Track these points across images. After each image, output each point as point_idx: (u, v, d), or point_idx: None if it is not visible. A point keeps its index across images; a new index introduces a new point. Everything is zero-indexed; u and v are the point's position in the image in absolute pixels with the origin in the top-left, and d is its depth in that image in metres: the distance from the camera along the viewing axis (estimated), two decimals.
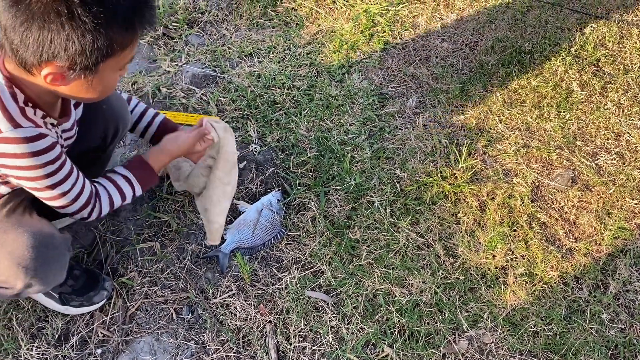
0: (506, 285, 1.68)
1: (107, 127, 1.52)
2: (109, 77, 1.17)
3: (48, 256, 1.31)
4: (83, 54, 1.05)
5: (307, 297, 1.65)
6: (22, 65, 1.09)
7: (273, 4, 2.47)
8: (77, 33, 1.02)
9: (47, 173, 1.20)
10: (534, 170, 1.94)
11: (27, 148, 1.14)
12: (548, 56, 2.25)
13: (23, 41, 1.03)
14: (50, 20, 1.00)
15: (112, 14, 1.03)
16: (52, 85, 1.12)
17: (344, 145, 2.00)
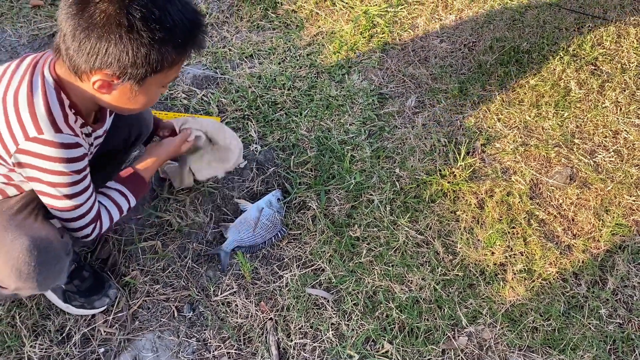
0: (505, 282, 1.69)
1: (131, 131, 1.57)
2: (152, 92, 1.22)
3: (43, 260, 1.29)
4: (134, 66, 1.09)
5: (307, 295, 1.66)
6: (74, 71, 1.13)
7: (273, 6, 2.49)
8: (132, 45, 1.06)
9: (71, 181, 1.24)
10: (533, 168, 1.95)
11: (63, 153, 1.17)
12: (546, 55, 2.26)
13: (80, 48, 1.07)
14: (110, 30, 1.05)
15: (168, 33, 1.08)
16: (99, 92, 1.16)
17: (344, 144, 2.01)
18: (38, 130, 1.15)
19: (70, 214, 1.30)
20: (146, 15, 1.05)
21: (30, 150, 1.17)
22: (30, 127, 1.15)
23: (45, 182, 1.22)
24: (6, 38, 2.25)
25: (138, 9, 1.04)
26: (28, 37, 2.27)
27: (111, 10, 1.04)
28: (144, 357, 1.55)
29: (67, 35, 1.08)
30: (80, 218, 1.32)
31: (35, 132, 1.15)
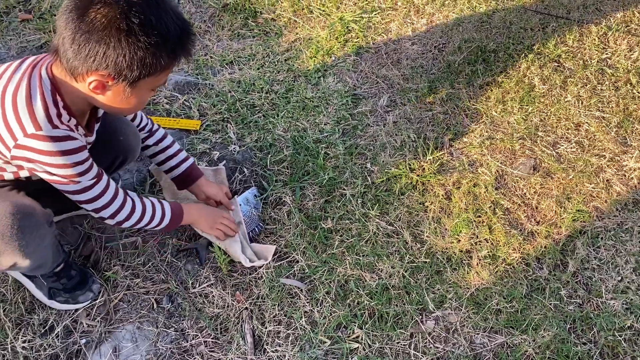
0: (470, 267, 1.74)
1: (118, 156, 1.64)
2: (143, 94, 1.29)
3: (26, 225, 1.34)
4: (129, 68, 1.16)
5: (282, 285, 1.71)
6: (70, 72, 1.20)
7: (253, 16, 2.58)
8: (130, 49, 1.14)
9: (78, 172, 1.32)
10: (498, 160, 2.01)
11: (60, 146, 1.25)
12: (512, 54, 2.34)
13: (79, 50, 1.14)
14: (110, 34, 1.12)
15: (163, 38, 1.16)
16: (93, 92, 1.23)
17: (318, 143, 2.07)
18: (36, 127, 1.22)
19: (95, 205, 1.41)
20: (144, 21, 1.12)
21: (29, 146, 1.24)
22: (29, 124, 1.22)
23: (54, 174, 1.30)
24: None
25: (137, 15, 1.11)
26: (17, 49, 2.35)
27: (111, 15, 1.11)
28: (123, 347, 1.60)
29: (66, 38, 1.15)
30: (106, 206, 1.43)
31: (33, 129, 1.22)
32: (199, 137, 2.10)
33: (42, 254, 1.47)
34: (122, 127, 1.62)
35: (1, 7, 2.47)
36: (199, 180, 1.79)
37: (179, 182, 1.79)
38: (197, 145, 2.07)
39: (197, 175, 1.79)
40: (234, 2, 2.59)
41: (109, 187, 1.43)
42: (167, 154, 1.74)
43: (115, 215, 1.47)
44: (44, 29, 2.42)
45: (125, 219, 1.49)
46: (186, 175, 1.77)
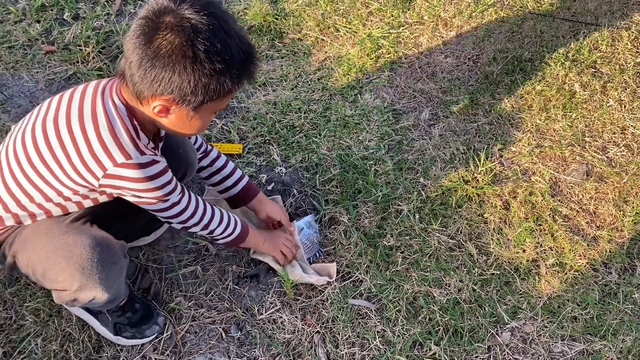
0: (539, 276, 1.79)
1: (178, 170, 1.65)
2: (205, 118, 1.33)
3: (105, 257, 1.38)
4: (193, 93, 1.20)
5: (350, 306, 1.73)
6: (136, 96, 1.24)
7: (279, 37, 2.63)
8: (195, 75, 1.17)
9: (166, 193, 1.38)
10: (550, 168, 2.07)
11: (149, 172, 1.31)
12: (548, 62, 2.42)
13: (145, 75, 1.18)
14: (176, 60, 1.15)
15: (227, 64, 1.19)
16: (157, 116, 1.27)
17: (365, 160, 2.11)
18: (126, 156, 1.26)
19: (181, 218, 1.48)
20: (209, 47, 1.15)
21: (119, 175, 1.28)
22: (118, 154, 1.26)
23: (143, 197, 1.35)
24: (24, 84, 2.34)
25: (202, 42, 1.15)
26: (45, 81, 2.37)
27: (177, 42, 1.15)
28: None
29: (133, 63, 1.19)
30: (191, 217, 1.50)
31: (123, 159, 1.26)
32: (243, 160, 2.13)
33: (119, 287, 1.48)
34: (180, 141, 1.66)
35: (24, 40, 2.48)
36: (259, 196, 1.81)
37: (236, 201, 1.81)
38: (243, 169, 2.09)
39: (254, 192, 1.81)
40: (258, 24, 2.64)
41: (191, 198, 1.49)
42: (223, 174, 1.77)
43: (200, 221, 1.53)
44: (70, 60, 2.44)
45: (206, 225, 1.55)
46: (244, 192, 1.79)
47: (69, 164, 1.27)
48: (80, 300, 1.43)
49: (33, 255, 1.38)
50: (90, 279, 1.37)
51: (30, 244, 1.39)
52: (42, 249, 1.37)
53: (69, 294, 1.41)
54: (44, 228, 1.39)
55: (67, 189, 1.32)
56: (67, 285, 1.38)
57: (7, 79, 2.34)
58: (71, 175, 1.29)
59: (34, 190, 1.33)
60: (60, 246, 1.35)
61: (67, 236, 1.36)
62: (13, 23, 2.55)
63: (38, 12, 2.59)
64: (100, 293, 1.41)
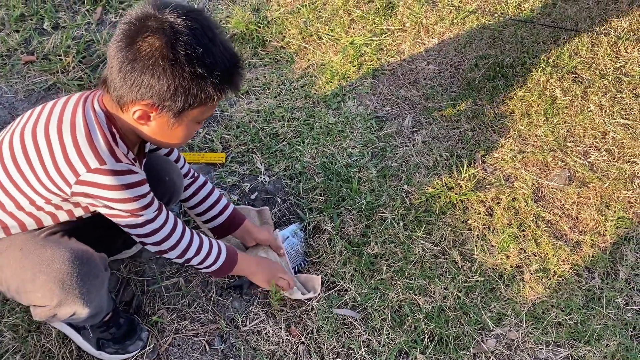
0: (524, 282, 1.79)
1: (163, 196, 1.61)
2: (189, 127, 1.30)
3: (85, 272, 1.34)
4: (172, 98, 1.18)
5: (335, 315, 1.72)
6: (117, 101, 1.21)
7: (262, 44, 2.62)
8: (174, 79, 1.15)
9: (141, 206, 1.32)
10: (533, 173, 2.08)
11: (124, 180, 1.26)
12: (529, 68, 2.44)
13: (125, 79, 1.16)
14: (155, 63, 1.13)
15: (209, 70, 1.17)
16: (138, 122, 1.24)
17: (349, 167, 2.11)
18: (100, 162, 1.23)
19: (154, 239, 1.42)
20: (190, 51, 1.14)
21: (92, 181, 1.24)
22: (92, 159, 1.22)
23: (115, 208, 1.30)
24: (2, 95, 2.31)
25: (183, 45, 1.13)
26: (24, 92, 2.33)
27: (158, 44, 1.13)
28: None
29: (114, 67, 1.17)
30: (154, 233, 1.41)
31: (97, 164, 1.22)
32: (226, 169, 2.11)
33: (101, 301, 1.46)
34: (167, 167, 1.62)
35: (3, 50, 2.45)
36: (245, 224, 1.78)
37: (221, 231, 1.76)
38: (226, 178, 2.08)
39: (240, 220, 1.78)
40: (241, 32, 2.62)
41: (168, 218, 1.44)
42: (208, 203, 1.73)
43: (176, 246, 1.46)
44: (50, 70, 2.41)
45: (183, 252, 1.49)
46: (229, 221, 1.75)
47: (43, 169, 1.24)
48: (60, 316, 1.40)
49: (8, 271, 1.35)
50: (70, 294, 1.33)
51: (5, 259, 1.35)
52: (17, 264, 1.33)
53: (48, 310, 1.37)
54: (19, 242, 1.35)
55: (39, 196, 1.29)
56: (47, 301, 1.34)
57: None
58: (44, 182, 1.26)
59: (6, 197, 1.30)
60: (38, 261, 1.32)
61: (44, 250, 1.33)
62: None
63: (17, 21, 2.56)
64: (80, 308, 1.38)
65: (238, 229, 1.77)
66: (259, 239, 1.80)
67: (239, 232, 1.78)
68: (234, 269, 1.62)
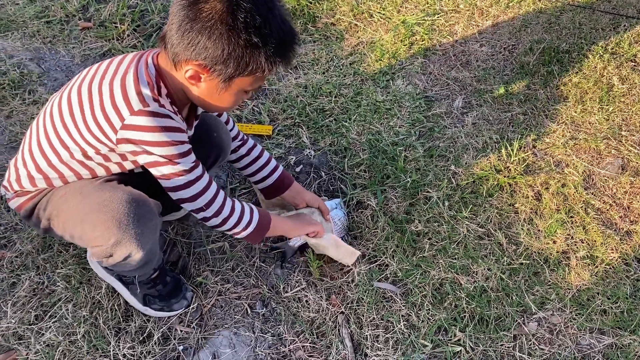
0: (569, 268, 1.78)
1: (211, 152, 1.67)
2: (236, 94, 1.33)
3: (141, 213, 1.38)
4: (225, 63, 1.21)
5: (375, 288, 1.75)
6: (172, 58, 1.26)
7: (312, 20, 2.64)
8: (229, 44, 1.19)
9: (179, 152, 1.33)
10: (584, 160, 2.06)
11: (163, 122, 1.28)
12: (586, 54, 2.40)
13: (183, 37, 1.20)
14: (213, 26, 1.17)
15: (264, 41, 1.20)
16: (189, 81, 1.29)
17: (395, 145, 2.12)
18: (144, 104, 1.27)
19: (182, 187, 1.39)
20: (249, 19, 1.17)
21: (133, 124, 1.28)
22: (136, 102, 1.27)
23: (154, 153, 1.32)
24: (60, 58, 2.40)
25: (243, 12, 1.17)
26: (80, 57, 2.42)
27: (219, 7, 1.17)
28: (222, 353, 1.64)
29: (174, 24, 1.21)
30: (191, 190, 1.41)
31: (140, 105, 1.27)
32: (272, 142, 2.15)
33: (154, 247, 1.50)
34: (215, 124, 1.67)
35: (61, 16, 2.54)
36: (294, 185, 1.83)
37: (271, 191, 1.82)
38: (272, 150, 2.12)
39: (289, 182, 1.82)
40: (292, 7, 2.65)
41: (204, 174, 1.43)
42: (259, 164, 1.78)
43: (210, 205, 1.45)
44: (105, 36, 2.49)
45: (218, 210, 1.47)
46: (279, 182, 1.80)
47: (91, 115, 1.30)
48: (116, 257, 1.42)
49: (69, 214, 1.42)
50: (127, 233, 1.37)
51: (65, 203, 1.43)
52: (77, 207, 1.40)
53: (105, 249, 1.40)
54: (78, 188, 1.42)
55: (89, 146, 1.34)
56: (104, 239, 1.38)
57: (44, 52, 2.40)
58: (91, 128, 1.31)
59: (62, 147, 1.37)
60: (97, 202, 1.37)
61: (103, 192, 1.38)
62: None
63: None
64: (135, 249, 1.40)
65: (287, 190, 1.81)
66: (308, 200, 1.84)
67: (288, 193, 1.82)
68: (269, 231, 1.61)
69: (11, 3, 2.56)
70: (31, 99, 2.20)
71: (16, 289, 1.69)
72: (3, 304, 1.66)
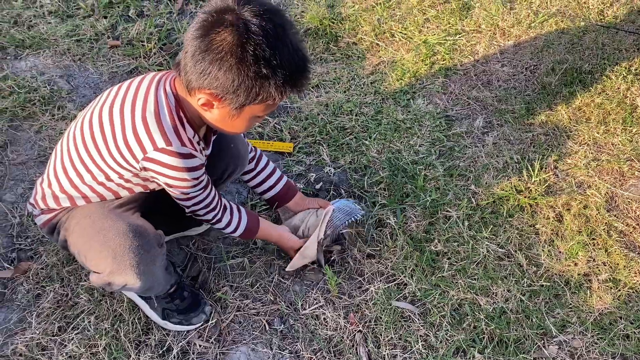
0: (591, 291, 1.75)
1: (229, 164, 1.72)
2: (248, 120, 1.37)
3: (138, 245, 1.42)
4: (235, 93, 1.24)
5: (394, 307, 1.74)
6: (186, 85, 1.30)
7: (334, 40, 2.67)
8: (239, 75, 1.21)
9: (193, 185, 1.45)
10: (607, 182, 2.03)
11: (186, 164, 1.37)
12: (609, 75, 2.38)
13: (195, 66, 1.23)
14: (224, 58, 1.20)
15: (273, 72, 1.21)
16: (202, 108, 1.33)
17: (415, 164, 2.13)
18: (167, 142, 1.33)
19: (195, 207, 1.54)
20: (257, 52, 1.19)
21: (157, 159, 1.34)
22: (159, 138, 1.32)
23: (173, 185, 1.42)
24: (89, 75, 2.47)
25: (252, 45, 1.19)
26: (108, 74, 2.48)
27: (229, 40, 1.19)
28: None
29: (188, 52, 1.24)
30: (204, 208, 1.55)
31: (163, 144, 1.32)
32: (293, 159, 2.17)
33: (153, 275, 1.54)
34: (231, 136, 1.71)
35: (91, 35, 2.62)
36: (297, 196, 1.88)
37: (276, 201, 1.87)
38: (293, 167, 2.14)
39: (293, 191, 1.88)
40: (314, 27, 2.69)
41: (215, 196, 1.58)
42: (264, 174, 1.83)
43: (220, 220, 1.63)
44: (133, 54, 2.55)
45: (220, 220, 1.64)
46: (284, 192, 1.86)
47: (114, 144, 1.35)
48: (114, 285, 1.49)
49: (77, 236, 1.47)
50: (121, 264, 1.42)
51: (77, 225, 1.48)
52: (84, 231, 1.46)
53: (102, 277, 1.47)
54: (89, 211, 1.48)
55: (112, 171, 1.40)
56: (101, 268, 1.45)
57: (74, 70, 2.47)
58: (115, 156, 1.36)
59: (85, 170, 1.42)
60: (98, 229, 1.43)
61: (105, 220, 1.44)
62: (82, 18, 2.69)
63: (106, 8, 2.73)
64: (132, 279, 1.46)
65: (292, 199, 1.87)
66: (310, 204, 1.90)
67: (292, 203, 1.88)
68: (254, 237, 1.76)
69: (44, 22, 2.65)
70: (60, 115, 2.26)
71: (41, 301, 1.73)
72: (28, 315, 1.70)
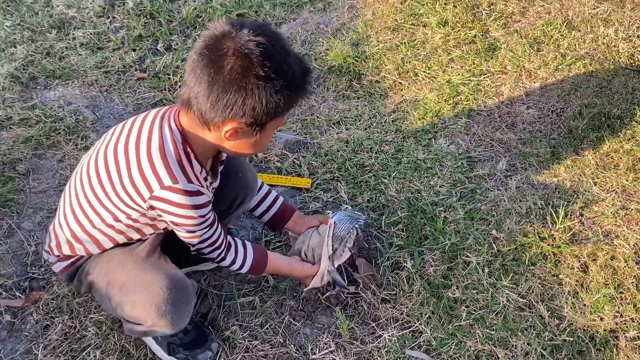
0: (618, 349, 1.64)
1: (238, 194, 1.70)
2: (268, 137, 1.36)
3: (179, 298, 1.44)
4: (265, 112, 1.23)
5: (407, 357, 1.66)
6: (204, 123, 1.26)
7: (358, 78, 2.66)
8: (266, 94, 1.20)
9: (199, 223, 1.40)
10: (636, 232, 1.93)
11: (193, 201, 1.34)
12: (638, 120, 2.29)
13: (216, 102, 1.20)
14: (248, 82, 1.18)
15: (290, 81, 1.22)
16: (227, 139, 1.29)
17: (435, 205, 2.06)
18: (173, 180, 1.30)
19: (201, 245, 1.49)
20: (275, 65, 1.19)
21: (164, 198, 1.32)
22: (165, 176, 1.30)
23: (179, 223, 1.39)
24: (114, 106, 2.50)
25: (268, 62, 1.18)
26: (133, 105, 2.51)
27: (247, 63, 1.17)
28: None
29: (200, 92, 1.20)
30: (209, 246, 1.51)
31: (170, 182, 1.30)
32: (311, 195, 2.14)
33: (185, 321, 1.54)
34: (239, 165, 1.70)
35: (119, 67, 2.66)
36: (295, 215, 1.83)
37: (274, 224, 1.84)
38: (310, 203, 2.10)
39: (291, 211, 1.84)
40: (338, 64, 2.69)
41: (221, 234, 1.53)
42: (259, 196, 1.80)
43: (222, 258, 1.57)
44: (158, 87, 2.58)
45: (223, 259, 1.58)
46: (281, 213, 1.82)
47: (119, 183, 1.33)
48: (149, 334, 1.52)
49: (110, 287, 1.46)
50: (164, 319, 1.43)
51: (107, 275, 1.47)
52: (119, 282, 1.44)
53: (142, 328, 1.48)
54: (118, 261, 1.46)
55: (119, 211, 1.38)
56: (142, 320, 1.45)
57: (100, 100, 2.51)
58: (121, 196, 1.34)
59: (93, 213, 1.41)
60: (139, 282, 1.42)
61: (144, 272, 1.43)
62: (112, 50, 2.75)
63: (135, 41, 2.79)
64: (169, 330, 1.49)
65: (291, 219, 1.82)
66: (309, 223, 1.84)
67: (291, 223, 1.83)
68: (266, 272, 1.71)
69: (75, 54, 2.71)
70: (83, 145, 2.28)
71: (49, 332, 1.70)
72: (35, 347, 1.67)
